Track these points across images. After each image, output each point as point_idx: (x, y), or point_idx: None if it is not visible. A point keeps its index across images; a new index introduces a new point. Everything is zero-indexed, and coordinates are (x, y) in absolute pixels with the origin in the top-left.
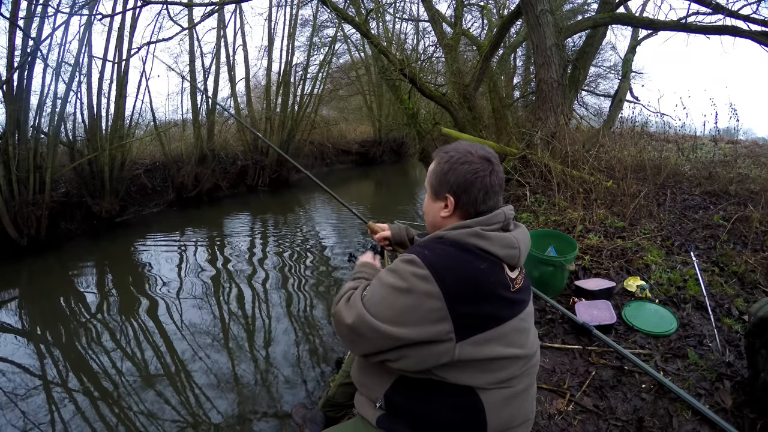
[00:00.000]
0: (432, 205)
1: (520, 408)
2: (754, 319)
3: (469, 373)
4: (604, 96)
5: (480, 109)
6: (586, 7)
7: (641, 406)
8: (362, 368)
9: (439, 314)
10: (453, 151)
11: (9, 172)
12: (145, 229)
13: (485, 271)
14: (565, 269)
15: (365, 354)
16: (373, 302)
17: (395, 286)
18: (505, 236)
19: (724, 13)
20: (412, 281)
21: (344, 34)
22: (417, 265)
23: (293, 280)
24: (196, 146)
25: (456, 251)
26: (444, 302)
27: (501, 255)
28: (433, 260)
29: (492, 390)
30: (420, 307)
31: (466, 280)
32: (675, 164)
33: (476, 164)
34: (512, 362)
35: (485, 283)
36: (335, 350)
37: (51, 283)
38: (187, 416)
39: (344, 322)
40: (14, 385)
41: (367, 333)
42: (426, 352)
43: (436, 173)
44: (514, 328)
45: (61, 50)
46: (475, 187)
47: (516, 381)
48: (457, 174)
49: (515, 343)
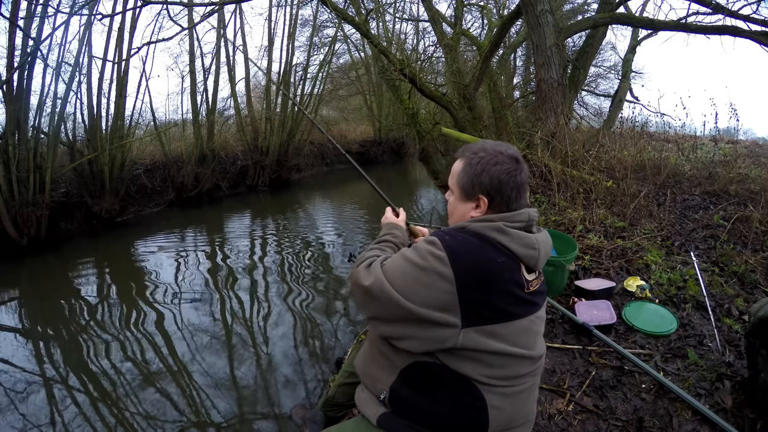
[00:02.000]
0: (461, 205)
1: (521, 408)
2: (754, 319)
3: (472, 365)
4: (604, 96)
5: (480, 109)
6: (586, 7)
7: (641, 406)
8: (369, 359)
9: (448, 296)
10: (482, 152)
11: (9, 172)
12: (145, 229)
13: (501, 264)
14: (565, 269)
15: (374, 317)
16: (391, 272)
17: (413, 261)
18: (526, 236)
19: (724, 13)
20: (429, 260)
21: (344, 34)
22: (436, 246)
23: (293, 279)
24: (196, 146)
25: (476, 240)
26: (454, 286)
27: (520, 253)
28: (452, 245)
29: (495, 387)
30: (432, 285)
31: (480, 269)
32: (675, 164)
33: (507, 164)
34: (517, 361)
35: (498, 276)
36: (335, 350)
37: (51, 283)
38: (187, 416)
39: (362, 283)
40: (14, 385)
41: (381, 297)
42: (431, 333)
43: (468, 174)
44: (523, 328)
45: (61, 50)
46: (508, 186)
47: (519, 381)
48: (490, 175)
49: (522, 343)
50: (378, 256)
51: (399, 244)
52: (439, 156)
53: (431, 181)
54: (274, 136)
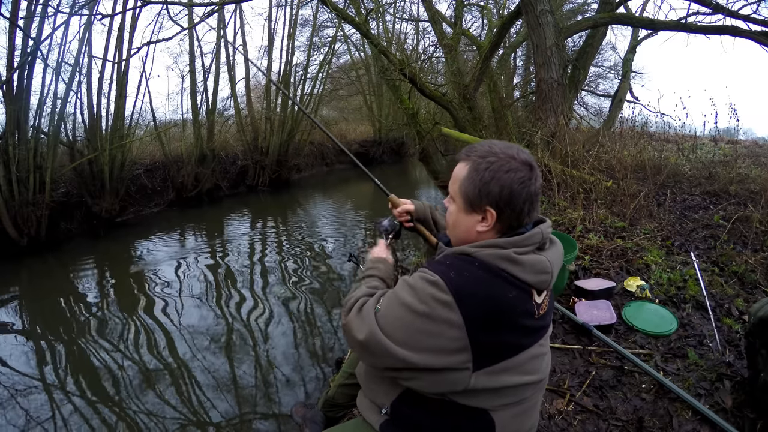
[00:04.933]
0: (465, 217)
1: (527, 420)
2: (754, 319)
3: (482, 398)
4: (604, 96)
5: (480, 109)
6: (586, 7)
7: (641, 406)
8: (370, 372)
9: (458, 344)
10: (492, 156)
11: (9, 172)
12: (145, 229)
13: (512, 300)
14: (565, 269)
15: (374, 366)
16: (387, 320)
17: (413, 307)
18: (539, 260)
19: (724, 13)
20: (433, 306)
21: (344, 34)
22: (440, 289)
23: (293, 279)
24: (196, 146)
25: (484, 275)
26: (465, 332)
27: (532, 282)
28: (458, 284)
29: (505, 410)
30: (439, 335)
31: (492, 309)
32: (675, 164)
33: (521, 172)
34: (526, 388)
35: (510, 312)
36: (335, 350)
37: (51, 283)
38: (187, 416)
39: (355, 337)
40: (14, 384)
41: (378, 351)
42: (440, 378)
43: (474, 182)
44: (532, 356)
45: (61, 50)
46: (521, 198)
47: (527, 400)
48: (501, 184)
49: (531, 371)
50: (369, 296)
51: (385, 278)
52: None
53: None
54: (274, 136)
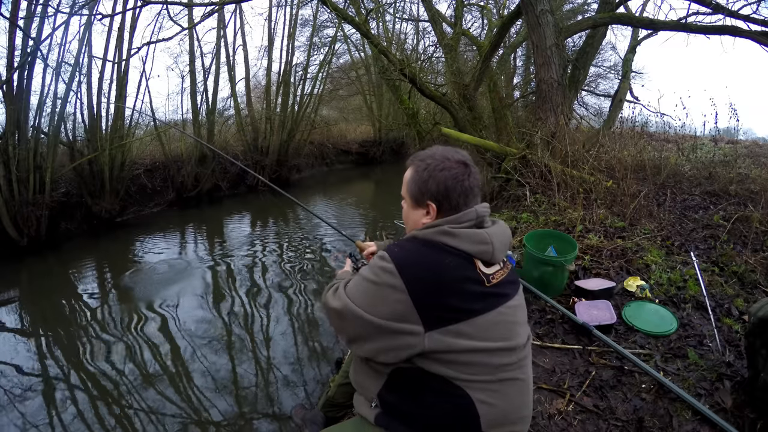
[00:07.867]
0: (413, 212)
1: (513, 401)
2: (754, 319)
3: (447, 365)
4: (604, 96)
5: (480, 109)
6: (586, 7)
7: (641, 406)
8: (357, 369)
9: (403, 305)
10: (430, 159)
11: (9, 172)
12: (145, 229)
13: (450, 265)
14: (565, 269)
15: (350, 339)
16: (352, 291)
17: (369, 278)
18: (476, 232)
19: (724, 13)
20: (380, 274)
21: (344, 34)
22: (385, 260)
23: (293, 280)
24: (196, 146)
25: (423, 248)
26: (407, 294)
27: (471, 251)
28: (400, 255)
29: (475, 382)
30: (387, 298)
31: (429, 274)
32: (675, 164)
33: (454, 169)
34: (493, 354)
35: (450, 277)
36: (335, 350)
37: (51, 283)
38: (187, 416)
39: (331, 306)
40: (14, 385)
41: (349, 317)
42: (399, 342)
43: (416, 182)
44: (492, 321)
45: (61, 50)
46: (456, 192)
47: (501, 372)
48: (437, 181)
49: (494, 336)
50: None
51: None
52: None
53: None
54: (274, 136)
